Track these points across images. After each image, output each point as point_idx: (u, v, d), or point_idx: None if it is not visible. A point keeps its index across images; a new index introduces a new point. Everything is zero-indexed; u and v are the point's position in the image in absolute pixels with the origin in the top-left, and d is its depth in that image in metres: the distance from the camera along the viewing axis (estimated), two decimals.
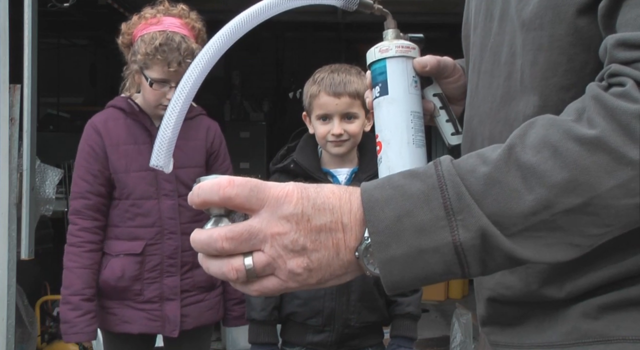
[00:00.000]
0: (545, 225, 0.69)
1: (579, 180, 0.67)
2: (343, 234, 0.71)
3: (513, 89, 0.86)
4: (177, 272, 2.32)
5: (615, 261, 0.79)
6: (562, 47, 0.79)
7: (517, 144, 0.70)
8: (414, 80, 1.02)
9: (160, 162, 0.81)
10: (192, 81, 0.80)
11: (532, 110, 0.81)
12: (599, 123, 0.67)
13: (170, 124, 0.80)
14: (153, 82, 2.22)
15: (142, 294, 2.30)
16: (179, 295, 2.32)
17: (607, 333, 0.78)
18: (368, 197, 0.71)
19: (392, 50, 1.02)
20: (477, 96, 0.94)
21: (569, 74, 0.79)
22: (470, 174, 0.70)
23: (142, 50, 2.20)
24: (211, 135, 2.43)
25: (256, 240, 0.70)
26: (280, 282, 0.71)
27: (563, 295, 0.82)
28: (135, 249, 2.28)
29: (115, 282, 2.29)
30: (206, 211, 0.73)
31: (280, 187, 0.71)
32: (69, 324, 2.24)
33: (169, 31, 2.21)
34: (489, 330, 0.94)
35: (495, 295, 0.90)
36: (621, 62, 0.70)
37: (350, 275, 0.74)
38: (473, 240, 0.68)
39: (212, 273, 0.72)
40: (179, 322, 2.31)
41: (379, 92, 1.02)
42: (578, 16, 0.77)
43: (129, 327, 2.31)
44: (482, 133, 0.91)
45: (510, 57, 0.86)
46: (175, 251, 2.31)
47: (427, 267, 0.70)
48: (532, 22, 0.81)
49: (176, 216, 2.30)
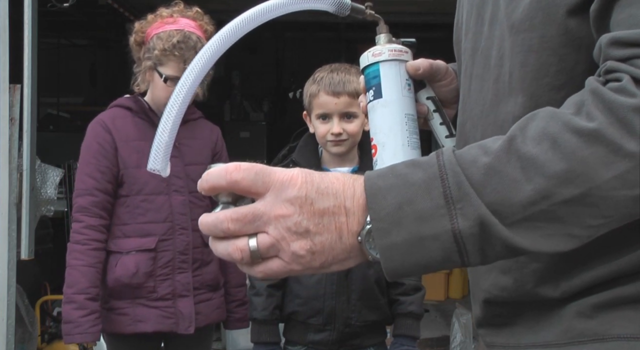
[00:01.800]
0: (544, 216, 0.70)
1: (578, 171, 0.68)
2: (346, 218, 0.73)
3: (501, 91, 0.87)
4: (189, 268, 2.31)
5: (609, 260, 0.79)
6: (553, 48, 0.80)
7: (517, 135, 0.71)
8: (407, 84, 1.03)
9: (157, 165, 0.82)
10: (187, 86, 0.81)
11: (521, 111, 0.81)
12: (597, 116, 0.69)
13: (167, 128, 0.81)
14: (167, 78, 2.24)
15: (155, 291, 2.27)
16: (192, 292, 2.31)
17: (602, 332, 0.79)
18: (371, 184, 0.73)
19: (385, 54, 1.02)
20: (469, 100, 0.95)
21: (560, 74, 0.80)
22: (471, 164, 0.71)
23: (160, 47, 2.21)
24: (214, 137, 2.46)
25: (260, 221, 0.71)
26: (284, 264, 0.73)
27: (558, 294, 0.82)
28: (149, 244, 2.26)
29: (129, 279, 2.25)
30: (215, 198, 0.75)
31: (285, 171, 0.73)
32: (73, 324, 2.19)
33: (186, 30, 2.23)
34: (484, 331, 0.95)
35: (490, 297, 0.91)
36: (616, 60, 0.71)
37: (353, 261, 0.75)
38: (472, 228, 0.70)
39: (219, 254, 0.74)
40: (194, 319, 2.29)
41: (372, 95, 1.02)
42: (568, 17, 0.78)
43: (142, 326, 2.27)
44: (475, 136, 0.92)
45: (498, 60, 0.87)
46: (187, 247, 2.30)
47: (426, 254, 0.71)
48: (522, 24, 0.82)
49: (187, 212, 2.30)
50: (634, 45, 0.70)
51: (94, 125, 2.33)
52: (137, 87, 2.35)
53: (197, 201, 2.32)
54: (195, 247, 2.31)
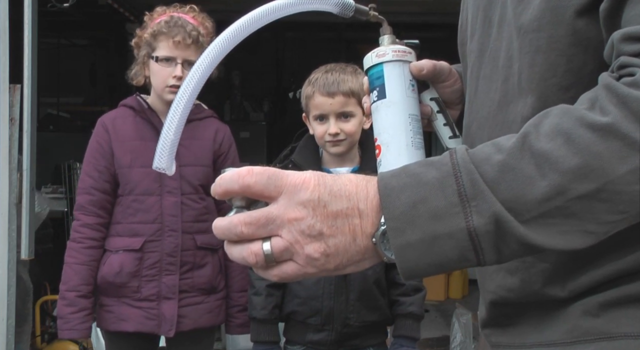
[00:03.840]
0: (560, 212, 0.69)
1: (592, 166, 0.67)
2: (360, 219, 0.72)
3: (510, 92, 0.86)
4: (177, 270, 2.30)
5: (615, 258, 0.79)
6: (561, 48, 0.80)
7: (531, 132, 0.71)
8: (411, 84, 1.03)
9: (163, 164, 0.83)
10: (192, 85, 0.82)
11: (530, 111, 0.81)
12: (611, 110, 0.68)
13: (172, 127, 0.81)
14: (159, 58, 2.27)
15: (139, 292, 2.29)
16: (177, 295, 2.31)
17: (608, 330, 0.79)
18: (384, 184, 0.72)
19: (389, 55, 1.02)
20: (476, 102, 0.95)
21: (568, 75, 0.80)
22: (484, 161, 0.71)
23: (149, 32, 2.28)
24: (220, 137, 2.43)
25: (274, 225, 0.71)
26: (298, 267, 0.73)
27: (565, 294, 0.82)
28: (134, 245, 2.28)
29: (113, 278, 2.28)
30: (229, 202, 0.75)
31: (297, 174, 0.73)
32: (64, 320, 2.26)
33: (174, 14, 2.30)
34: (489, 331, 0.95)
35: (497, 298, 0.91)
36: (629, 55, 0.71)
37: (368, 262, 0.75)
38: (487, 225, 0.69)
39: (234, 258, 0.74)
40: (175, 322, 2.29)
41: (376, 96, 1.02)
42: (577, 17, 0.78)
43: (124, 325, 2.30)
44: (481, 138, 0.91)
45: (507, 60, 0.87)
46: (175, 249, 2.30)
47: (442, 253, 0.71)
48: (531, 25, 0.82)
49: (178, 214, 2.30)
50: None
51: (97, 125, 2.37)
52: (133, 80, 2.37)
53: (190, 203, 2.31)
54: (186, 250, 2.31)
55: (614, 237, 0.74)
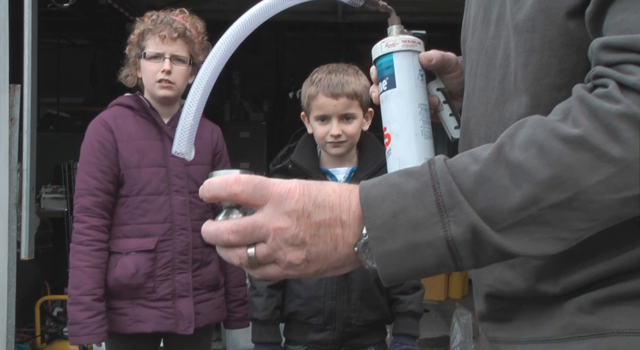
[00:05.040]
0: (533, 220, 0.72)
1: (564, 177, 0.70)
2: (342, 230, 0.76)
3: (507, 91, 0.88)
4: (189, 268, 2.31)
5: (608, 257, 0.80)
6: (554, 49, 0.81)
7: (506, 143, 0.73)
8: (420, 74, 1.04)
9: (182, 148, 0.85)
10: (212, 68, 0.84)
11: (525, 110, 0.83)
12: (582, 122, 0.70)
13: (191, 111, 0.84)
14: (147, 56, 2.29)
15: (155, 292, 2.27)
16: (192, 292, 2.31)
17: (601, 327, 0.80)
18: (366, 194, 0.75)
19: (398, 45, 1.03)
20: (473, 99, 0.96)
21: (561, 74, 0.81)
22: (461, 172, 0.74)
23: (136, 31, 2.31)
24: (215, 137, 2.46)
25: (259, 233, 0.75)
26: (280, 269, 0.77)
27: (557, 290, 0.83)
28: (148, 245, 2.26)
29: (128, 279, 2.25)
30: (218, 203, 0.78)
31: (283, 184, 0.76)
32: (80, 325, 2.19)
33: (162, 14, 2.33)
34: (487, 326, 0.96)
35: (493, 291, 0.92)
36: (605, 64, 0.73)
37: (348, 267, 0.79)
38: (464, 235, 0.72)
39: (221, 256, 0.78)
40: (193, 319, 2.30)
41: (386, 85, 1.03)
42: (568, 19, 0.80)
43: (142, 327, 2.27)
44: (478, 134, 0.93)
45: (504, 59, 0.88)
46: (187, 247, 2.30)
47: (421, 260, 0.74)
48: (525, 25, 0.83)
49: (187, 212, 2.30)
50: (623, 50, 0.71)
51: (95, 124, 2.33)
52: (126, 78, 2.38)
53: (197, 201, 2.31)
54: (195, 248, 2.32)
55: (607, 236, 0.75)
